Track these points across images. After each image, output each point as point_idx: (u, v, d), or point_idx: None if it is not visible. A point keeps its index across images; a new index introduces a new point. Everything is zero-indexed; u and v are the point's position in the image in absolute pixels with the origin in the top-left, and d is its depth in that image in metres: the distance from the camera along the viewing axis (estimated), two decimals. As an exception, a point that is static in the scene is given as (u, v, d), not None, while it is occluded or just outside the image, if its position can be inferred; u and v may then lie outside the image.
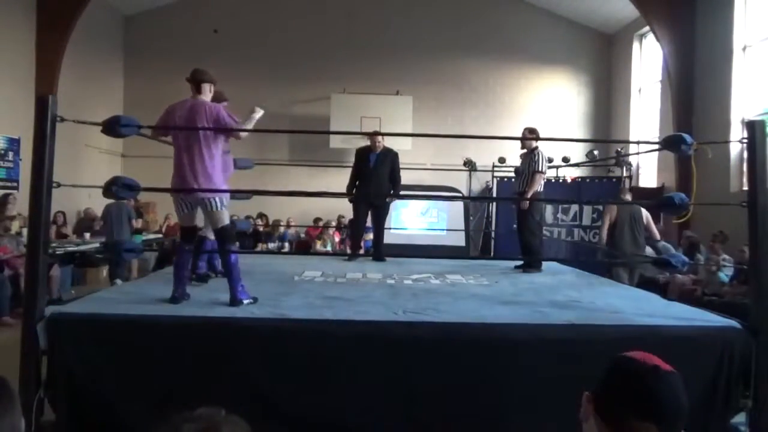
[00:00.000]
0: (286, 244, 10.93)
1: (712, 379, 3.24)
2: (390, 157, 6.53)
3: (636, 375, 1.19)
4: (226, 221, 3.89)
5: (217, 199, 3.80)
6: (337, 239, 11.12)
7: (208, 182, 3.75)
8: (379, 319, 3.39)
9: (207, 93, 3.90)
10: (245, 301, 3.64)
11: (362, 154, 6.59)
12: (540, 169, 5.93)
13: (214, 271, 4.87)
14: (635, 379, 1.18)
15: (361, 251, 7.21)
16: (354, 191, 6.55)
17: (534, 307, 3.84)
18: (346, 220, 11.34)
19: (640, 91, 12.43)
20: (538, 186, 5.96)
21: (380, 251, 6.57)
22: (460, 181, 12.13)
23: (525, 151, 6.17)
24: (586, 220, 10.29)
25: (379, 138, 6.52)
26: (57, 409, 3.04)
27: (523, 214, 6.04)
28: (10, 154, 9.26)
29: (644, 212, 7.19)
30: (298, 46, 12.66)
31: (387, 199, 6.63)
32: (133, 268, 9.69)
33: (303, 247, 10.81)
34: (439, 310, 3.67)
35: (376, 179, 6.45)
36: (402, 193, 8.14)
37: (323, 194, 8.23)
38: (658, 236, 7.48)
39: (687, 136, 3.77)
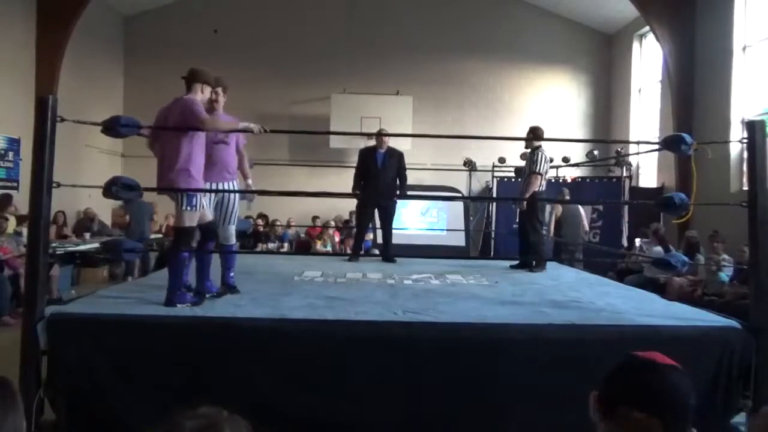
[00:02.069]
0: (286, 244, 10.92)
1: (712, 379, 3.24)
2: (397, 156, 6.52)
3: (635, 368, 1.19)
4: (186, 223, 3.71)
5: (182, 198, 3.65)
6: (337, 239, 11.11)
7: (169, 179, 3.64)
8: (379, 319, 3.39)
9: (198, 93, 3.78)
10: (180, 305, 3.55)
11: (368, 153, 6.55)
12: (537, 170, 5.91)
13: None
14: (635, 372, 1.18)
15: (361, 252, 7.19)
16: (360, 192, 6.51)
17: (534, 307, 3.84)
18: (341, 221, 11.34)
19: (640, 91, 12.43)
20: (537, 186, 5.95)
21: (390, 252, 6.55)
22: (460, 181, 12.13)
23: (528, 150, 6.17)
24: (586, 220, 10.29)
25: (385, 137, 6.53)
26: (57, 409, 3.04)
27: (526, 215, 6.04)
28: (10, 154, 9.26)
29: (582, 211, 9.34)
30: (298, 46, 12.66)
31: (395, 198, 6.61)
32: (134, 268, 9.70)
33: (303, 247, 10.80)
34: (439, 310, 3.67)
35: (384, 179, 6.43)
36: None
37: (323, 194, 8.22)
38: (587, 229, 9.66)
39: (687, 136, 3.77)
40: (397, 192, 6.54)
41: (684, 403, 1.14)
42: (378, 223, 6.88)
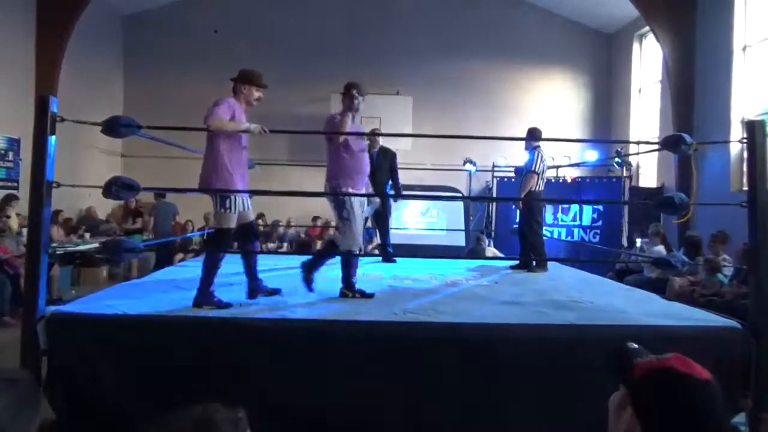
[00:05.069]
0: (286, 244, 10.92)
1: (712, 379, 3.23)
2: (389, 155, 6.53)
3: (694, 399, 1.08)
4: (222, 224, 3.75)
5: (217, 200, 3.74)
6: (337, 239, 11.09)
7: (201, 181, 3.74)
8: (379, 319, 3.39)
9: (239, 92, 3.90)
10: (206, 307, 3.53)
11: None
12: (533, 169, 5.95)
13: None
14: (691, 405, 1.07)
15: (361, 252, 7.19)
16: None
17: (534, 307, 3.84)
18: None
19: (640, 91, 12.43)
20: (532, 186, 5.96)
21: (389, 252, 6.53)
22: (460, 181, 12.13)
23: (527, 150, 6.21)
24: (586, 220, 10.29)
25: (378, 136, 6.54)
26: (57, 409, 3.04)
27: (524, 215, 6.06)
28: (10, 154, 9.26)
29: None
30: (298, 46, 12.65)
31: (391, 200, 6.61)
32: (133, 268, 9.71)
33: (303, 247, 10.80)
34: (439, 310, 3.67)
35: (378, 178, 6.44)
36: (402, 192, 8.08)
37: (323, 194, 8.18)
38: None
39: (687, 136, 3.77)
40: (392, 192, 6.54)
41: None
42: (370, 223, 6.88)
